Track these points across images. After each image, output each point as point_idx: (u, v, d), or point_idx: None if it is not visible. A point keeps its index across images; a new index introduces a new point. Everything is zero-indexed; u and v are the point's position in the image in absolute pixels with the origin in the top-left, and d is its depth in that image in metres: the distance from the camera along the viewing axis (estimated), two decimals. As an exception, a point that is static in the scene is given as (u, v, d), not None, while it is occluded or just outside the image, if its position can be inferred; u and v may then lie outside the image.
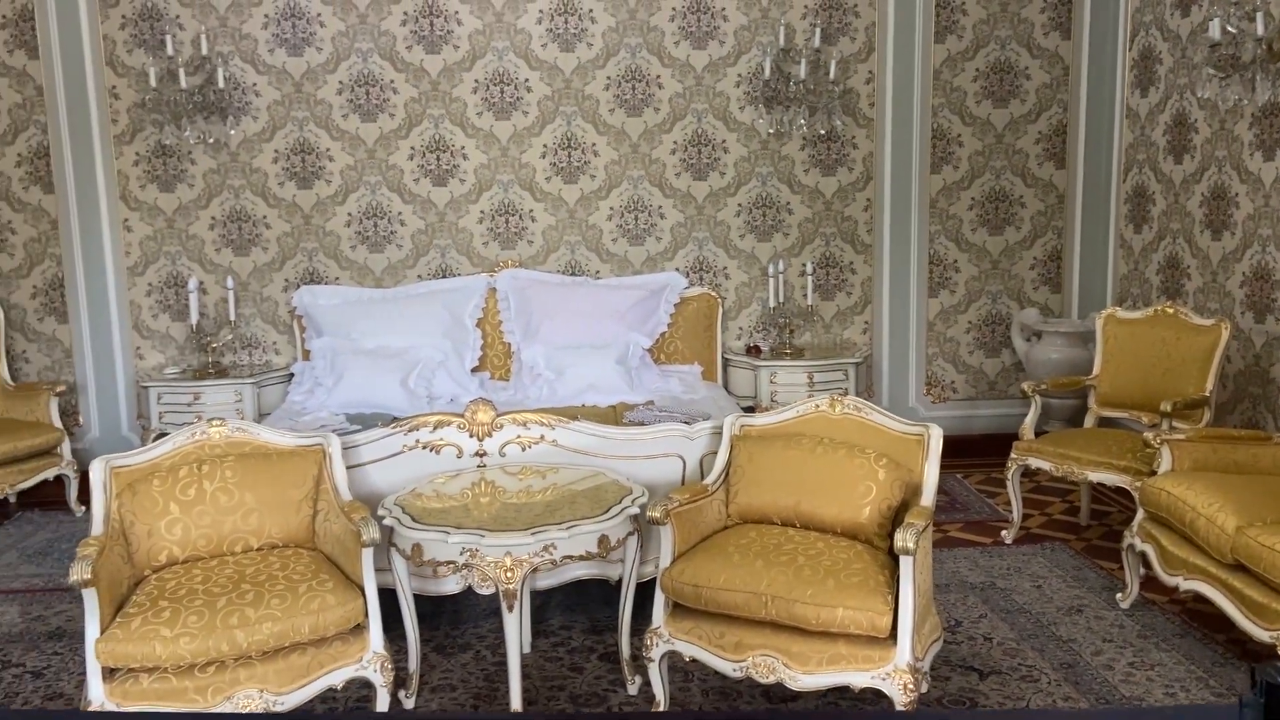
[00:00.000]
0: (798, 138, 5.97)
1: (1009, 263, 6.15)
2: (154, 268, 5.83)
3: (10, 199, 5.72)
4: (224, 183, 5.80)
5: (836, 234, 6.09)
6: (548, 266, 6.02)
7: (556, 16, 5.82)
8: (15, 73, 5.61)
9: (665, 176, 5.99)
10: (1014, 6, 5.91)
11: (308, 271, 5.90)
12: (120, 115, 5.68)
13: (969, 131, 6.02)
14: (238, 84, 5.70)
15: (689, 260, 6.07)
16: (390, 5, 5.74)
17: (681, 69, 5.90)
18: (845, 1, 5.88)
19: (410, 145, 5.87)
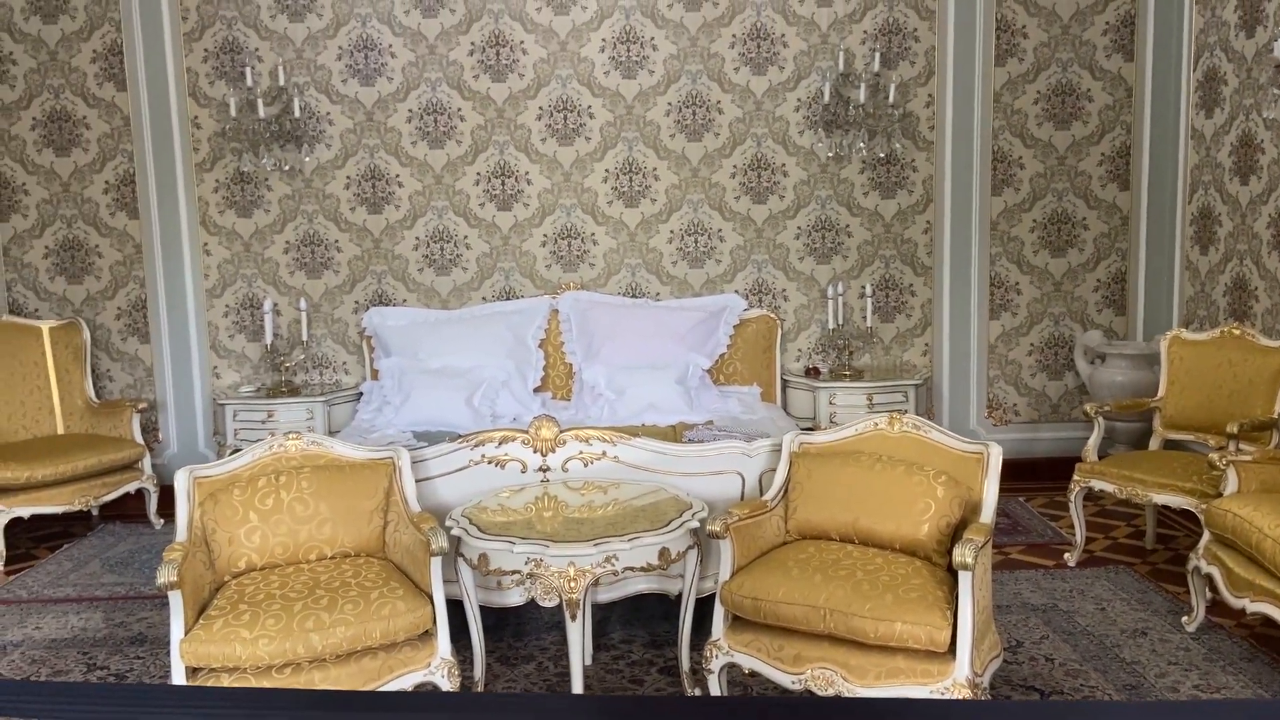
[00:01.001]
0: (857, 161, 6.02)
1: (1072, 285, 6.11)
2: (231, 290, 6.07)
3: (98, 224, 6.00)
4: (298, 208, 6.02)
5: (896, 256, 6.11)
6: (609, 289, 6.13)
7: (619, 45, 5.96)
8: (104, 104, 5.90)
9: (725, 200, 6.07)
10: (1075, 29, 5.90)
11: (377, 293, 6.09)
12: (201, 144, 5.94)
13: (1030, 154, 6.01)
14: (312, 113, 5.93)
15: (748, 283, 6.14)
16: (459, 36, 5.93)
17: (741, 94, 5.99)
18: (905, 26, 5.93)
19: (476, 171, 6.04)
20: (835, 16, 5.93)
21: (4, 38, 5.84)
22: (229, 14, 5.86)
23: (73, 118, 5.91)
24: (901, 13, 5.92)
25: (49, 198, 5.97)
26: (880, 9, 5.92)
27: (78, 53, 5.86)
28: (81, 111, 5.90)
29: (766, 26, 5.94)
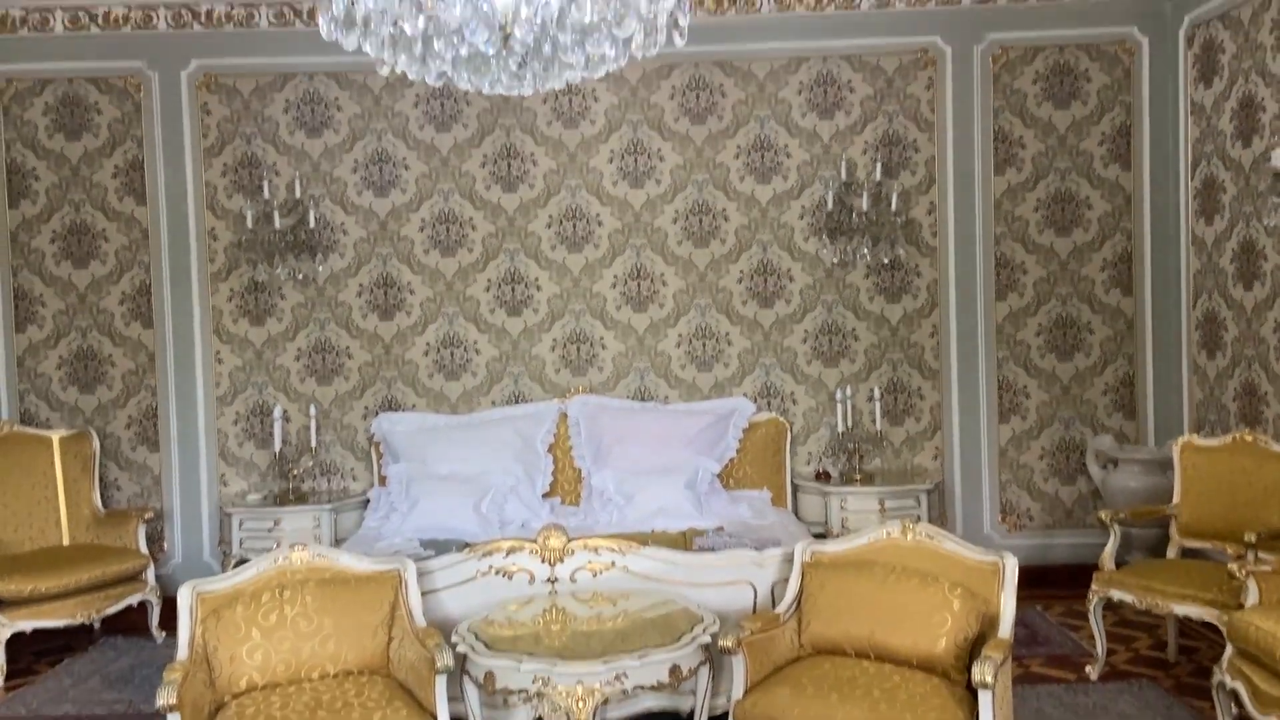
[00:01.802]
0: (862, 266, 6.09)
1: (1080, 389, 6.10)
2: (242, 397, 6.10)
3: (113, 334, 6.07)
4: (310, 315, 6.09)
5: (903, 360, 6.13)
6: (617, 393, 6.15)
7: (627, 156, 6.10)
8: (124, 217, 6.04)
9: (732, 304, 6.14)
10: (1072, 140, 6.03)
11: (386, 399, 6.11)
12: (217, 254, 6.05)
13: (1033, 259, 6.08)
14: (327, 223, 6.05)
15: (756, 386, 6.15)
16: (471, 149, 6.08)
17: (747, 202, 6.11)
18: (905, 137, 6.07)
19: (486, 277, 6.13)
20: (837, 128, 6.08)
21: (28, 154, 6.02)
22: (248, 130, 6.03)
23: (92, 230, 6.04)
24: (901, 124, 6.07)
25: (65, 309, 6.06)
26: (880, 121, 6.07)
27: (99, 168, 6.02)
28: (101, 224, 6.03)
29: (770, 138, 6.09)
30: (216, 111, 6.03)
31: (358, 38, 2.89)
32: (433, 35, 2.86)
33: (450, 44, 2.86)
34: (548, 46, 2.84)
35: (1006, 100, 6.03)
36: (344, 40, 2.88)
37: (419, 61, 2.97)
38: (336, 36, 2.86)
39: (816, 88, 6.07)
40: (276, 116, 6.04)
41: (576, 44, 2.90)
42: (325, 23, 2.86)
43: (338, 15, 2.78)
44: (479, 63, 2.96)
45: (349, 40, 2.88)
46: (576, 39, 2.88)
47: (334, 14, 2.78)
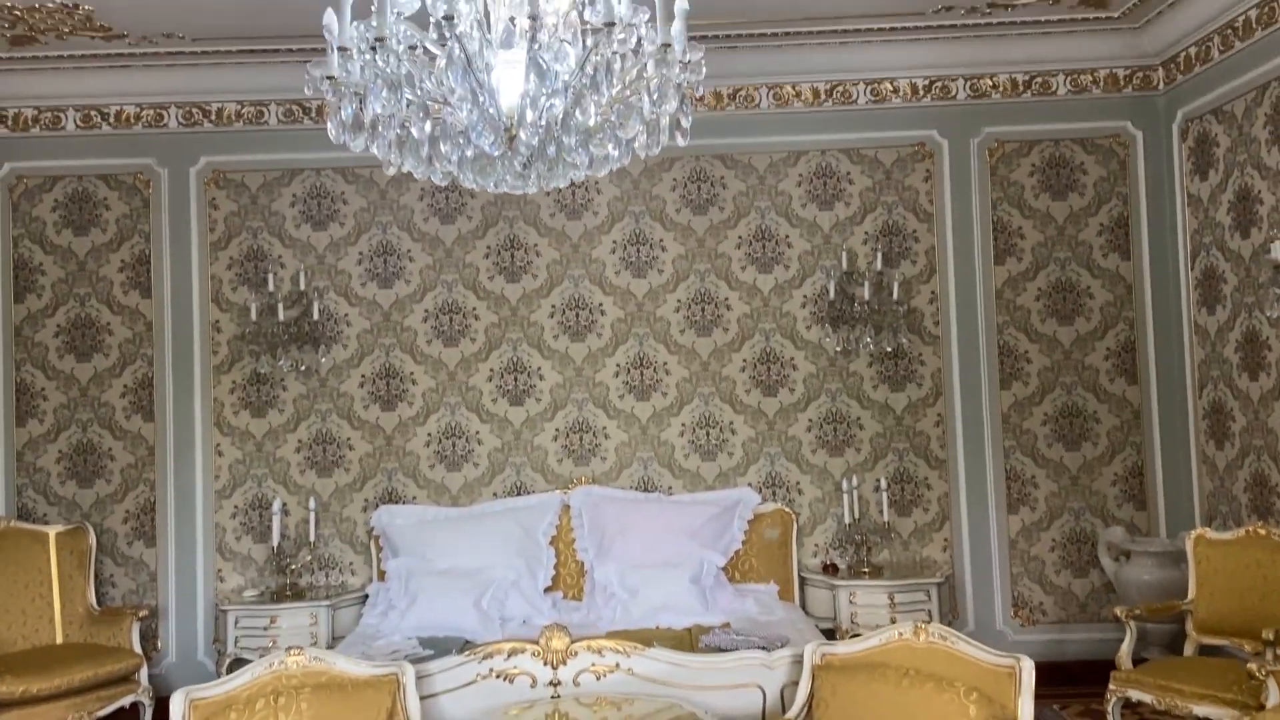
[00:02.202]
0: (865, 355, 6.09)
1: (1089, 479, 6.04)
2: (241, 490, 6.04)
3: (113, 427, 6.04)
4: (312, 407, 6.07)
5: (909, 449, 6.08)
6: (621, 483, 6.08)
7: (629, 246, 6.15)
8: (129, 311, 6.06)
9: (735, 393, 6.11)
10: (1070, 230, 6.08)
11: (387, 491, 6.05)
12: (221, 347, 6.06)
13: (1036, 348, 6.07)
14: (331, 315, 6.07)
15: (761, 475, 6.09)
16: (475, 240, 6.14)
17: (749, 291, 6.13)
18: (904, 228, 6.13)
19: (489, 367, 6.12)
20: (837, 219, 6.14)
21: (35, 249, 6.07)
22: (255, 224, 6.10)
23: (96, 324, 6.06)
24: (900, 215, 6.13)
25: (66, 402, 6.04)
26: (880, 211, 6.13)
27: (106, 263, 6.07)
28: (105, 318, 6.06)
29: (771, 228, 6.15)
30: (224, 206, 6.10)
31: (365, 140, 2.92)
32: (439, 137, 2.89)
33: (456, 146, 2.89)
34: (552, 148, 2.87)
35: (1004, 192, 6.10)
36: (352, 143, 2.91)
37: (425, 163, 3.00)
38: (344, 140, 2.89)
39: (816, 180, 6.15)
40: (283, 210, 6.11)
41: (581, 145, 2.92)
42: (333, 126, 2.89)
43: (345, 120, 2.82)
44: (484, 163, 2.99)
45: (357, 143, 2.92)
46: (581, 140, 2.91)
47: (342, 119, 2.82)
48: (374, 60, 2.73)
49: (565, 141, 2.86)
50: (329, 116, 2.94)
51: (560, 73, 2.77)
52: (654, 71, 2.88)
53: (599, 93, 2.69)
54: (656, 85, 2.85)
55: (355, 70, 2.81)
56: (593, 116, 2.77)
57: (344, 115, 2.80)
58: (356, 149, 2.95)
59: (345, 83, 2.82)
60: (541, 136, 2.84)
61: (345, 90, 2.83)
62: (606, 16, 2.69)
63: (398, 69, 2.74)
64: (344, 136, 2.89)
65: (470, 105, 2.73)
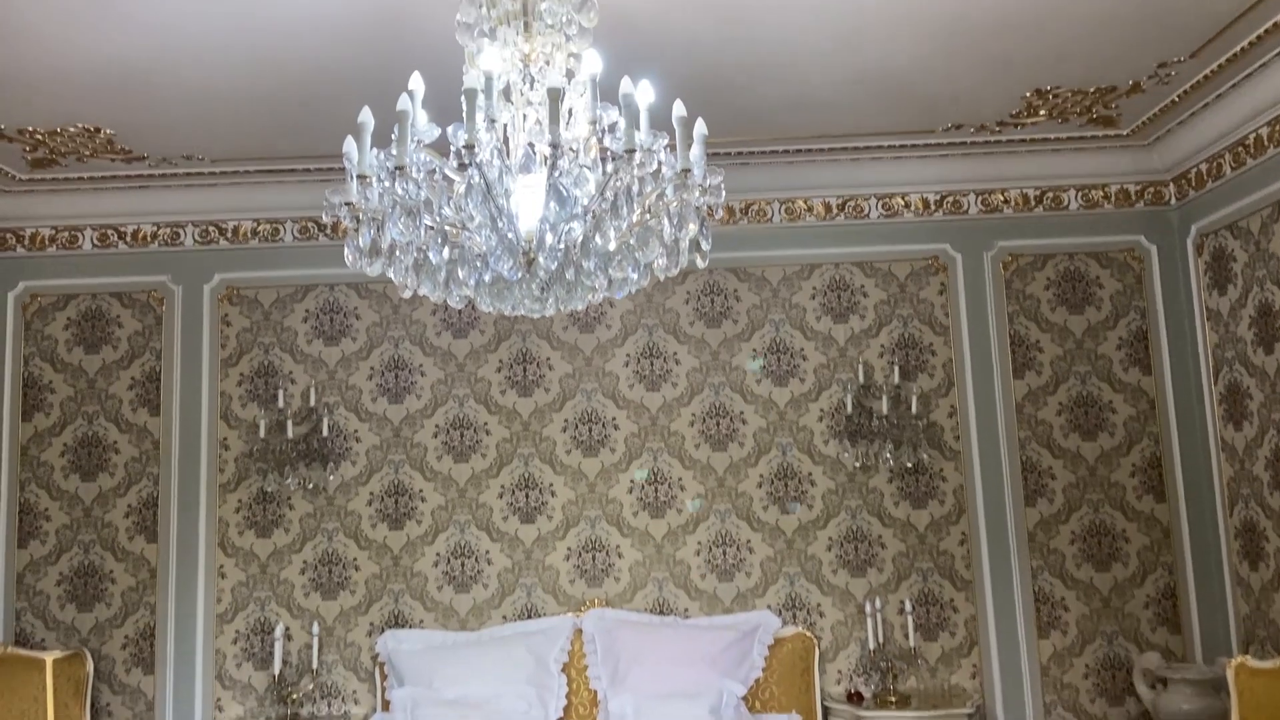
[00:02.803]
0: (884, 470, 5.95)
1: (1120, 601, 5.82)
2: (243, 614, 5.85)
3: (115, 549, 5.90)
4: (319, 526, 5.93)
5: (933, 569, 5.89)
6: (635, 605, 5.89)
7: (643, 359, 6.10)
8: (136, 429, 5.99)
9: (753, 510, 5.96)
10: (1089, 344, 6.02)
11: (393, 614, 5.86)
12: (228, 464, 5.96)
13: (1060, 464, 5.94)
14: (340, 431, 5.99)
15: (781, 597, 5.89)
16: (487, 354, 6.09)
17: (764, 405, 6.04)
18: (920, 341, 6.07)
19: (500, 484, 6.00)
20: (852, 332, 6.09)
21: (46, 368, 6.04)
22: (267, 340, 6.07)
23: (103, 443, 5.98)
24: (916, 328, 6.08)
25: (70, 523, 5.92)
26: (895, 324, 6.09)
27: (116, 380, 6.03)
28: (113, 437, 5.98)
29: (786, 341, 6.10)
30: (236, 322, 6.09)
31: (382, 265, 2.88)
32: (457, 262, 2.85)
33: (474, 270, 2.85)
34: (571, 272, 2.82)
35: (1020, 305, 6.06)
36: (369, 269, 2.88)
37: (442, 287, 2.95)
38: (361, 266, 2.85)
39: (830, 292, 6.13)
40: (295, 326, 6.09)
41: (599, 269, 2.88)
42: (350, 253, 2.86)
43: (363, 246, 2.78)
44: (501, 287, 2.94)
45: (374, 268, 2.88)
46: (599, 264, 2.86)
47: (359, 245, 2.78)
48: (393, 187, 2.71)
49: (584, 265, 2.82)
50: (346, 243, 2.91)
51: (580, 198, 2.75)
52: (673, 195, 2.86)
53: (619, 217, 2.65)
54: (676, 209, 2.82)
55: (374, 197, 2.79)
56: (612, 241, 2.73)
57: (361, 242, 2.76)
58: (374, 274, 2.92)
59: (363, 209, 2.80)
60: (560, 260, 2.80)
61: (364, 216, 2.81)
62: (627, 143, 2.67)
63: (416, 195, 2.72)
64: (361, 262, 2.86)
65: (489, 230, 2.70)
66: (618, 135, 2.76)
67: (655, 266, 3.02)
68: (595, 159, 2.81)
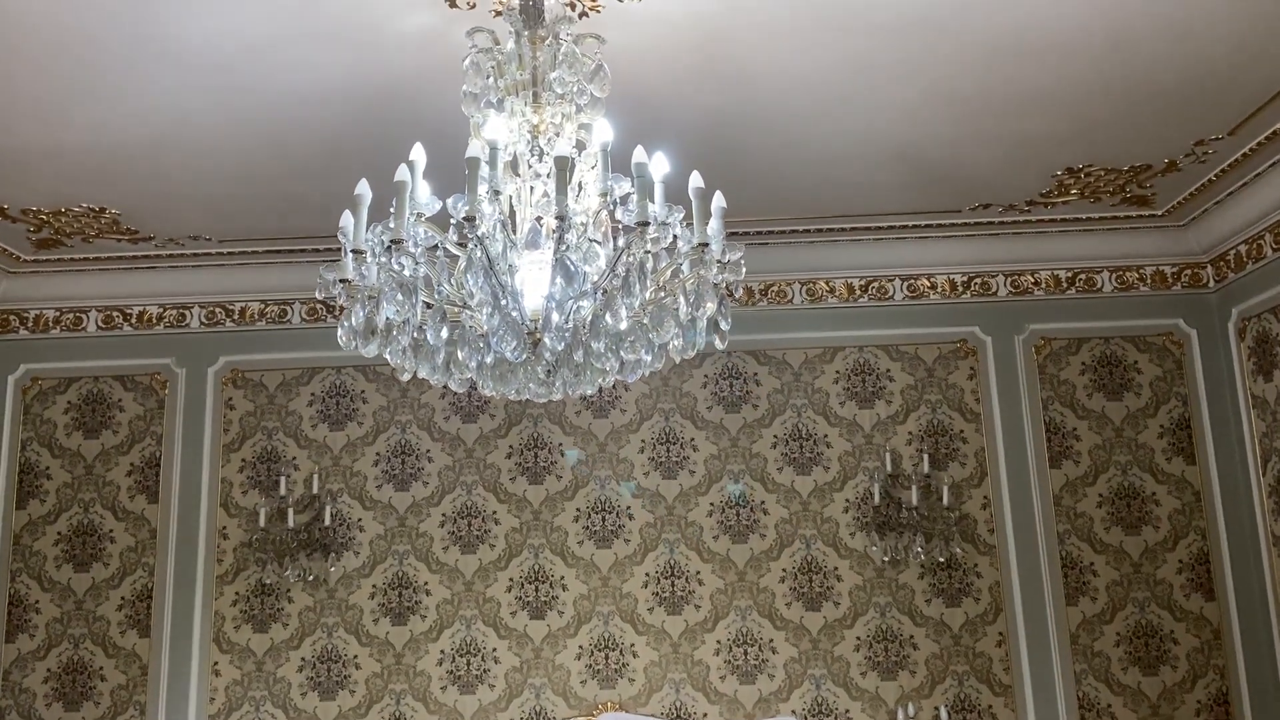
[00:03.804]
0: (915, 566, 5.63)
1: (1170, 708, 5.42)
2: (237, 715, 5.53)
3: (106, 644, 5.63)
4: (318, 621, 5.64)
5: (970, 672, 5.52)
6: (650, 709, 5.53)
7: (658, 445, 5.85)
8: (133, 517, 5.77)
9: (775, 606, 5.64)
10: (1129, 432, 5.74)
11: (394, 716, 5.52)
12: (226, 555, 5.71)
13: (1101, 560, 5.60)
14: (343, 519, 5.74)
15: (806, 701, 5.52)
16: (497, 440, 5.87)
17: (787, 495, 5.76)
18: (950, 428, 5.80)
19: (509, 576, 5.71)
20: (878, 418, 5.84)
21: (43, 453, 5.86)
22: (271, 424, 5.88)
23: (98, 531, 5.75)
24: (945, 414, 5.82)
25: (60, 616, 5.66)
26: (923, 410, 5.83)
27: (115, 465, 5.83)
28: (109, 525, 5.76)
29: (808, 427, 5.85)
30: (240, 406, 5.91)
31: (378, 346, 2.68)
32: (457, 343, 2.65)
33: (475, 351, 2.65)
34: (579, 353, 2.61)
35: (1055, 391, 5.80)
36: (364, 349, 2.68)
37: (442, 370, 2.75)
38: (355, 346, 2.65)
39: (854, 376, 5.90)
40: (300, 410, 5.90)
41: (610, 350, 2.67)
42: (344, 332, 2.66)
43: (357, 325, 2.59)
44: (504, 370, 2.73)
45: (369, 349, 2.67)
46: (610, 345, 2.65)
47: (353, 324, 2.59)
48: (389, 263, 2.53)
49: (593, 346, 2.61)
50: (340, 322, 2.72)
51: (589, 274, 2.55)
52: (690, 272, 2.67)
53: (631, 295, 2.45)
54: (693, 286, 2.61)
55: (370, 273, 2.61)
56: (624, 320, 2.52)
57: (355, 321, 2.57)
58: (369, 355, 2.72)
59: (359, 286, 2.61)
60: (568, 341, 2.59)
61: (359, 294, 2.62)
62: (640, 214, 2.48)
63: (414, 272, 2.53)
64: (355, 343, 2.66)
65: (491, 309, 2.50)
66: (630, 208, 2.58)
67: (670, 348, 2.80)
68: (606, 233, 2.63)
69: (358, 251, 2.54)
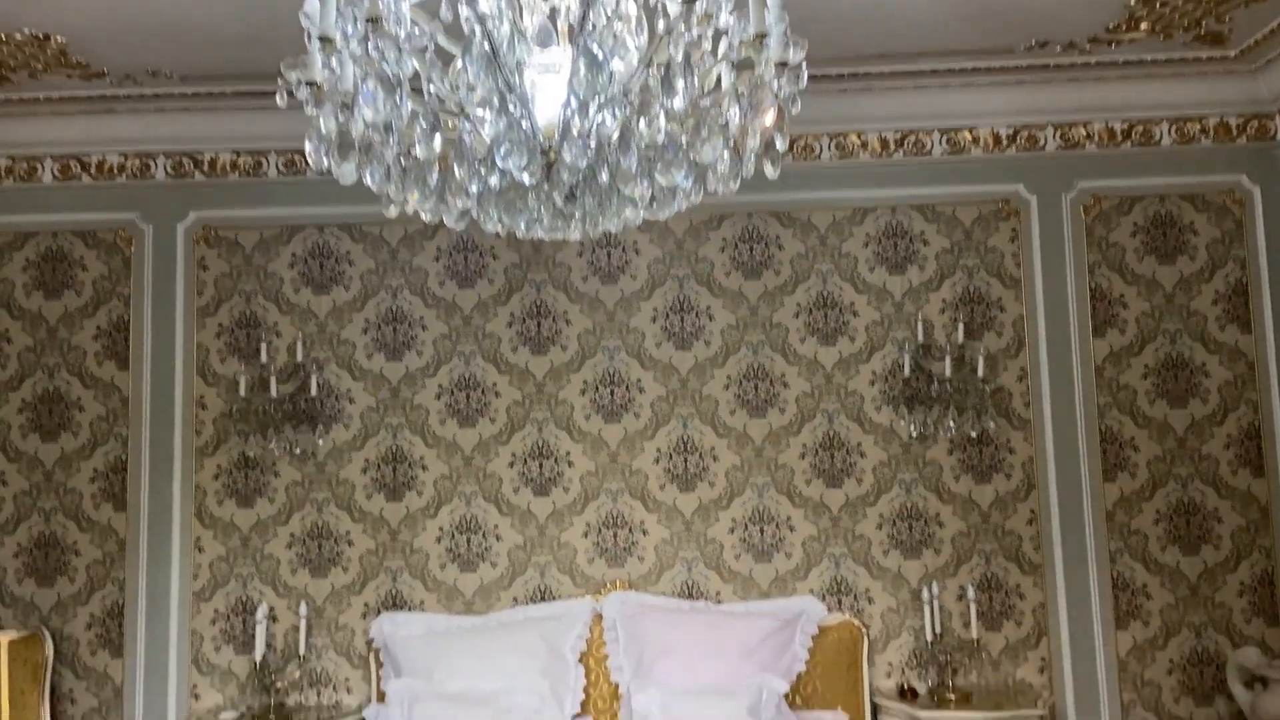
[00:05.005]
0: (944, 441, 5.27)
1: (1210, 589, 5.14)
2: (222, 592, 5.23)
3: (79, 518, 5.28)
4: (307, 496, 5.29)
5: (998, 551, 5.22)
6: (661, 588, 5.24)
7: (671, 314, 5.41)
8: (102, 384, 5.34)
9: (794, 484, 5.30)
10: (1180, 298, 5.30)
11: (390, 594, 5.23)
12: (205, 426, 5.32)
13: (1144, 435, 5.24)
14: (331, 390, 5.33)
15: (824, 581, 5.24)
16: (497, 307, 5.42)
17: (809, 366, 5.36)
18: (988, 295, 5.36)
19: (511, 452, 5.34)
20: (910, 284, 5.39)
21: (2, 314, 5.39)
22: (249, 287, 5.40)
23: (66, 399, 5.33)
24: (983, 281, 5.37)
25: (28, 488, 5.29)
26: (959, 276, 5.38)
27: (80, 329, 5.37)
28: (76, 392, 5.33)
29: (834, 295, 5.40)
30: (214, 267, 5.42)
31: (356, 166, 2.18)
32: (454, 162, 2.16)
33: (475, 173, 2.16)
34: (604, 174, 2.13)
35: (1103, 255, 5.34)
36: (339, 170, 2.18)
37: (435, 196, 2.26)
38: (328, 164, 2.16)
39: (885, 240, 5.41)
40: (280, 272, 5.41)
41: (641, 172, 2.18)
42: (312, 146, 2.16)
43: (328, 135, 2.09)
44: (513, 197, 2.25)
45: (345, 169, 2.18)
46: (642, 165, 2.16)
47: (324, 132, 2.09)
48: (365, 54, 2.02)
49: (623, 165, 2.12)
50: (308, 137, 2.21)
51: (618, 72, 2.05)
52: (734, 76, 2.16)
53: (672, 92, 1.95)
54: (746, 90, 2.11)
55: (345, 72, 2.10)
56: (662, 128, 2.03)
57: (325, 127, 2.07)
58: (346, 179, 2.22)
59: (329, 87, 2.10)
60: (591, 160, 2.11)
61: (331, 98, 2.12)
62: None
63: (398, 66, 2.02)
64: (326, 160, 2.16)
65: (496, 112, 2.00)
66: (667, -11, 2.05)
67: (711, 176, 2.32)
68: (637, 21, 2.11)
69: (326, 40, 2.02)
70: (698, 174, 2.26)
